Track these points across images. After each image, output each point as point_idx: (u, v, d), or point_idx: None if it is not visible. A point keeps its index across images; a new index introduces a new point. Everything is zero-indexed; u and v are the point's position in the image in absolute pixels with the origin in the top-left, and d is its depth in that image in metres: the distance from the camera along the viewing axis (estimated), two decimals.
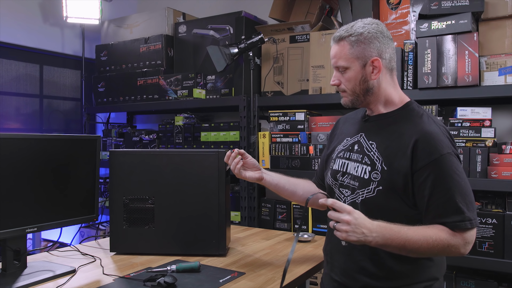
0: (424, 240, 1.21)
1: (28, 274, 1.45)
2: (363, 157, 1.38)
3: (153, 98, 3.22)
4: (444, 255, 1.33)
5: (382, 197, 1.30)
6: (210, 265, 1.58)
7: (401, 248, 1.22)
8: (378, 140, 1.37)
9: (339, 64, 1.37)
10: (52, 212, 1.58)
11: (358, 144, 1.42)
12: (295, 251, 1.81)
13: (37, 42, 3.42)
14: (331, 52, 1.41)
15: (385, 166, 1.30)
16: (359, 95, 1.39)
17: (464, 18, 2.11)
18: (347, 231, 1.19)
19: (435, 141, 1.26)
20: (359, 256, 1.35)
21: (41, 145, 1.54)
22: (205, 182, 1.71)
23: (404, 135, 1.31)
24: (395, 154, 1.30)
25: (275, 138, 2.70)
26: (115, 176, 1.75)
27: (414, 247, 1.21)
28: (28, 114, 3.44)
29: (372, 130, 1.41)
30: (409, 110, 1.38)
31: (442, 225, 1.24)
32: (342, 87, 1.40)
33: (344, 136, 1.52)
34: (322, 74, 2.58)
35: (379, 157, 1.33)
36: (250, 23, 2.89)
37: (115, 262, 1.63)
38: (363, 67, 1.35)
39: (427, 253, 1.24)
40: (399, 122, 1.36)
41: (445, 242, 1.22)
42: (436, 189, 1.24)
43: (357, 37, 1.34)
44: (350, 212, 1.19)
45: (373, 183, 1.32)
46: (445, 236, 1.22)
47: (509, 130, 2.35)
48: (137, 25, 3.43)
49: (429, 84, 2.19)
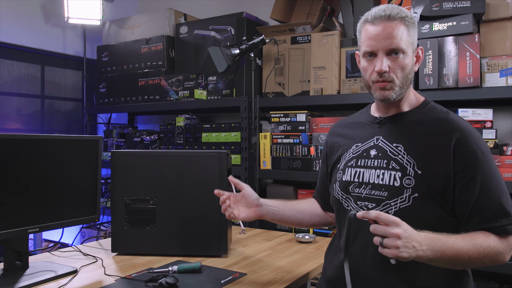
0: (474, 250, 1.08)
1: (30, 275, 1.45)
2: (389, 162, 1.22)
3: (154, 99, 3.23)
4: (491, 264, 1.15)
5: (419, 205, 1.15)
6: (211, 266, 1.58)
7: (450, 261, 1.08)
8: (405, 141, 1.22)
9: (399, 46, 1.18)
10: (54, 212, 1.58)
11: (377, 149, 1.27)
12: (296, 251, 1.81)
13: (38, 42, 3.42)
14: (383, 30, 1.19)
15: (419, 170, 1.16)
16: (404, 87, 1.23)
17: (465, 19, 2.11)
18: (398, 246, 1.01)
19: (475, 139, 1.16)
20: (393, 280, 1.18)
21: (43, 146, 1.54)
22: (207, 183, 1.71)
23: (437, 133, 1.19)
24: (430, 156, 1.17)
25: (276, 139, 2.70)
26: (116, 177, 1.75)
27: (464, 258, 1.08)
28: (29, 115, 3.45)
29: (392, 131, 1.27)
30: (431, 107, 1.28)
31: (487, 232, 1.13)
32: (391, 76, 1.20)
33: (350, 142, 1.36)
34: (323, 75, 2.58)
35: (409, 160, 1.19)
36: (251, 24, 2.90)
37: (117, 263, 1.63)
38: (412, 55, 1.23)
39: (477, 263, 1.11)
40: (425, 120, 1.24)
41: (495, 250, 1.10)
42: (482, 191, 1.13)
43: (412, 19, 1.21)
44: (399, 224, 1.02)
45: (406, 190, 1.17)
46: (494, 243, 1.11)
47: (510, 131, 2.35)
48: (139, 26, 3.43)
49: (430, 85, 2.19)
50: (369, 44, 1.21)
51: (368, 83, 1.27)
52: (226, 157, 1.73)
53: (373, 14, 1.22)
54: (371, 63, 1.23)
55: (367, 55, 1.24)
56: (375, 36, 1.20)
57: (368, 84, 1.27)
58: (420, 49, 1.26)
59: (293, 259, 1.71)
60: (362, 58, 1.27)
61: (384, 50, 1.19)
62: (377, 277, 1.20)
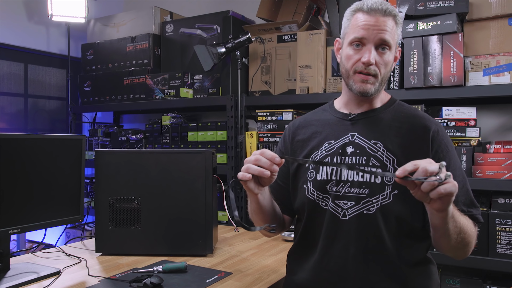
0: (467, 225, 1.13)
1: (11, 276, 1.43)
2: (368, 158, 1.21)
3: (140, 98, 3.20)
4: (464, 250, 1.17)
5: (400, 202, 1.15)
6: (197, 265, 1.58)
7: (458, 228, 1.08)
8: (383, 138, 1.22)
9: (388, 40, 1.19)
10: (37, 213, 1.55)
11: (354, 145, 1.24)
12: (282, 250, 1.81)
13: (21, 40, 3.37)
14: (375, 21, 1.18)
15: (399, 166, 1.09)
16: (383, 83, 1.24)
17: (449, 19, 2.13)
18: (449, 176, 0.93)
19: (445, 133, 1.23)
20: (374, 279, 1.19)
21: (25, 145, 1.51)
22: (192, 182, 1.71)
23: (414, 129, 1.22)
24: (410, 151, 1.18)
25: (263, 138, 2.69)
26: (100, 176, 1.73)
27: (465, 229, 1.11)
28: (12, 114, 3.39)
29: (368, 128, 1.26)
30: (398, 104, 1.31)
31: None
32: (374, 70, 1.20)
33: (320, 140, 1.31)
34: (309, 74, 2.59)
35: (389, 157, 1.19)
36: (237, 22, 2.89)
37: (101, 263, 1.62)
38: (394, 52, 1.24)
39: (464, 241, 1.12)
40: (399, 117, 1.25)
41: (474, 233, 1.15)
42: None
43: (401, 19, 1.23)
44: (432, 161, 0.96)
45: (387, 187, 1.17)
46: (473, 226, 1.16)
47: (493, 129, 2.38)
48: (124, 24, 3.40)
49: (415, 84, 2.21)
50: (360, 32, 1.20)
51: (348, 73, 1.24)
52: (212, 156, 1.72)
53: (369, 5, 1.20)
54: (357, 52, 1.21)
55: (355, 44, 1.22)
56: (368, 25, 1.19)
57: (348, 73, 1.25)
58: (399, 50, 1.28)
59: (279, 257, 1.71)
60: (347, 46, 1.25)
61: (374, 41, 1.19)
62: (359, 277, 1.19)
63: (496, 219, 2.04)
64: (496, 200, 2.08)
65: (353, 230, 1.20)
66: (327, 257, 1.24)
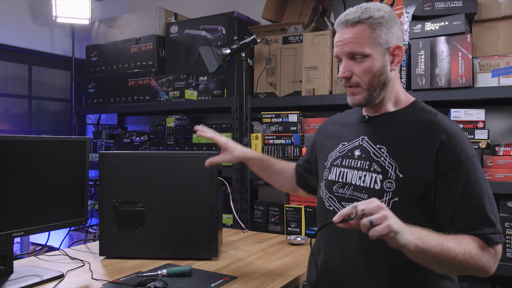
0: (460, 249, 1.01)
1: (14, 280, 1.41)
2: (371, 163, 1.20)
3: (144, 99, 3.19)
4: (476, 272, 1.07)
5: (399, 210, 1.07)
6: (201, 269, 1.55)
7: (436, 257, 1.00)
8: (389, 143, 1.19)
9: (355, 51, 1.16)
10: (40, 215, 1.54)
11: (361, 149, 1.24)
12: (288, 254, 1.79)
13: (26, 42, 3.36)
14: (340, 37, 1.19)
15: (400, 173, 1.14)
16: (376, 89, 1.19)
17: (457, 19, 2.11)
18: (387, 216, 0.93)
19: (460, 142, 1.12)
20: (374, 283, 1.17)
21: (28, 147, 1.50)
22: (197, 185, 1.69)
23: (422, 135, 1.15)
24: (413, 158, 1.14)
25: (268, 140, 2.67)
26: (104, 179, 1.72)
27: (450, 256, 1.00)
28: (16, 116, 3.39)
29: (377, 132, 1.24)
30: (419, 108, 1.23)
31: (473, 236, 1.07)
32: (355, 81, 1.19)
33: (338, 140, 1.34)
34: (315, 75, 2.56)
35: (391, 163, 1.16)
36: (242, 23, 2.87)
37: (105, 267, 1.60)
38: (384, 55, 1.17)
39: (462, 265, 1.03)
40: (411, 122, 1.20)
41: (480, 255, 1.03)
42: (464, 196, 1.08)
43: (379, 19, 1.16)
44: (374, 200, 0.97)
45: (387, 194, 1.14)
46: (480, 247, 1.04)
47: (503, 131, 2.35)
48: (128, 25, 3.39)
49: (422, 85, 2.18)
50: (335, 50, 1.23)
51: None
52: None
53: (341, 19, 1.21)
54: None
55: (338, 61, 1.24)
56: (337, 42, 1.21)
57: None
58: (397, 47, 1.19)
59: (284, 261, 1.68)
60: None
61: (345, 55, 1.19)
62: (358, 279, 1.19)
63: (505, 223, 2.00)
64: (506, 204, 2.04)
65: (355, 233, 1.17)
66: (331, 257, 1.25)
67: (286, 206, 2.61)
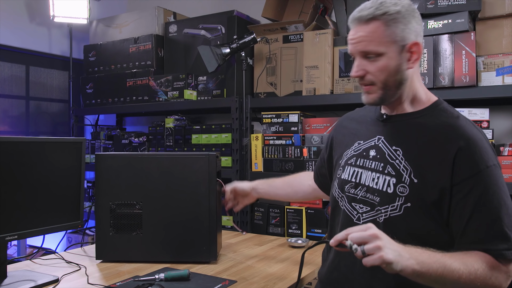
0: (465, 269, 0.98)
1: (7, 285, 1.38)
2: (385, 166, 1.16)
3: (143, 100, 3.15)
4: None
5: (410, 216, 1.08)
6: (200, 273, 1.52)
7: (438, 279, 0.97)
8: (405, 146, 1.15)
9: (369, 49, 1.12)
10: (35, 218, 1.50)
11: (376, 149, 1.21)
12: (289, 257, 1.75)
13: (23, 42, 3.33)
14: (353, 34, 1.14)
15: (415, 178, 1.10)
16: (391, 88, 1.14)
17: (461, 17, 2.07)
18: (381, 246, 0.92)
19: (480, 150, 1.06)
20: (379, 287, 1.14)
21: (23, 148, 1.46)
22: (196, 186, 1.65)
23: (440, 140, 1.10)
24: (429, 164, 1.09)
25: (268, 141, 2.64)
26: (101, 181, 1.68)
27: (454, 277, 0.97)
28: (14, 116, 3.35)
29: (394, 133, 1.20)
30: (441, 110, 1.17)
31: (483, 252, 1.03)
32: (370, 79, 1.15)
33: (353, 138, 1.31)
34: (316, 74, 2.53)
35: (406, 167, 1.12)
36: (242, 22, 2.84)
37: (101, 271, 1.56)
38: (400, 53, 1.12)
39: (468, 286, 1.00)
40: (430, 124, 1.14)
41: (488, 274, 1.00)
42: (480, 208, 1.04)
43: (395, 14, 1.10)
44: (370, 226, 0.96)
45: (399, 198, 1.11)
46: (488, 266, 1.00)
47: (507, 131, 2.32)
48: (127, 25, 3.36)
49: (425, 84, 2.13)
50: (349, 48, 1.19)
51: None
52: (216, 160, 1.66)
53: (354, 15, 1.15)
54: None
55: (351, 59, 1.21)
56: (350, 40, 1.16)
57: None
58: (414, 44, 1.13)
59: (285, 265, 1.65)
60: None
61: (358, 54, 1.15)
62: (364, 282, 1.17)
63: None
64: None
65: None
66: (339, 258, 1.25)
67: (286, 208, 2.57)
